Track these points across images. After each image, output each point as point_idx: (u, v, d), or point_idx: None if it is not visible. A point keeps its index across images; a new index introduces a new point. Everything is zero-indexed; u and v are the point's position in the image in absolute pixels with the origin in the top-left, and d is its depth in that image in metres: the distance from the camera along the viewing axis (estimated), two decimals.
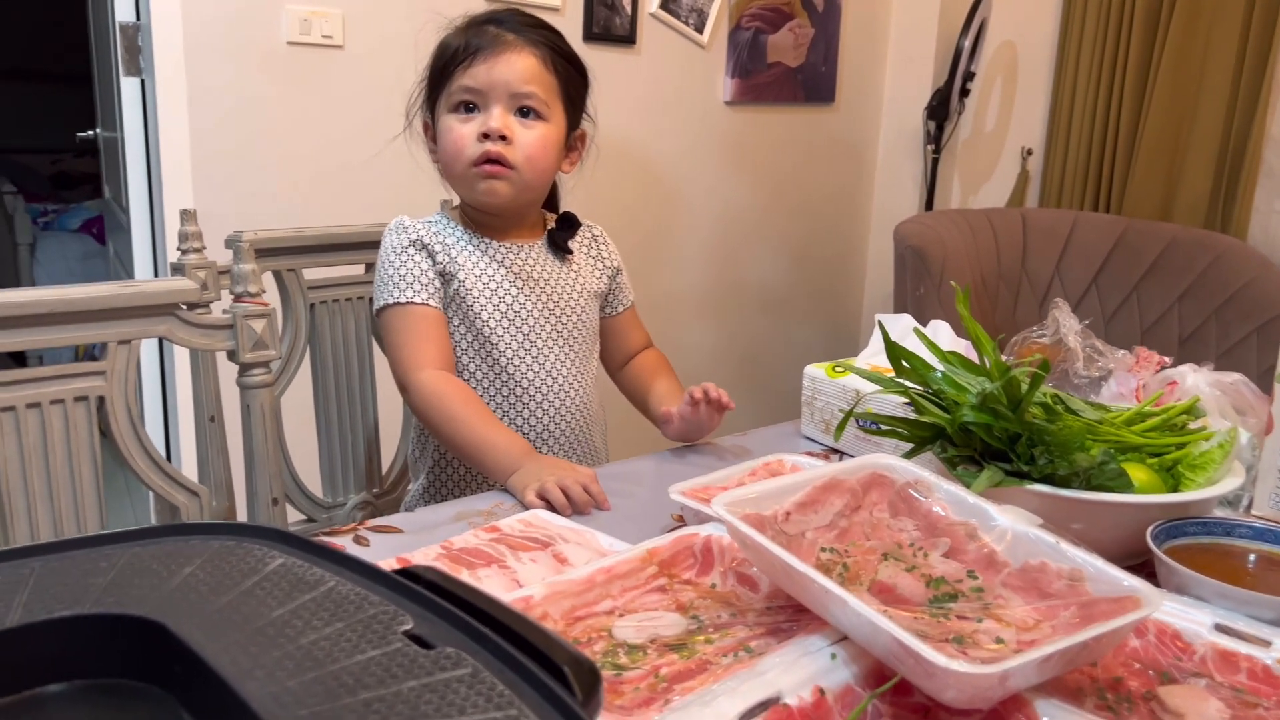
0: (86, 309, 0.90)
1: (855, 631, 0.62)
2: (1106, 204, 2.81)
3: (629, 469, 1.09)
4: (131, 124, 2.05)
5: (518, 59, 1.14)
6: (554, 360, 1.21)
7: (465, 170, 1.16)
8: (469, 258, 1.19)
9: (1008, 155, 3.08)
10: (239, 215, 2.00)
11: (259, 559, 0.57)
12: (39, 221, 3.92)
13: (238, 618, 0.50)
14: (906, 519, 0.75)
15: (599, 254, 1.29)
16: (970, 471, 0.81)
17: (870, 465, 0.78)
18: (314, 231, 1.32)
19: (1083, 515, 0.80)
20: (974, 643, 0.62)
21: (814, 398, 1.17)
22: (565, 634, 0.70)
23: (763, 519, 0.72)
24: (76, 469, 0.93)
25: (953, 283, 1.02)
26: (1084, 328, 1.04)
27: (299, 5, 2.05)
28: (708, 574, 0.78)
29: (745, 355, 3.07)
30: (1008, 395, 0.80)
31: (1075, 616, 0.63)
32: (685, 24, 2.67)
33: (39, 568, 0.55)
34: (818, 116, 3.06)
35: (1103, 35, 2.76)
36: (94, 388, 0.93)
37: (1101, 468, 0.78)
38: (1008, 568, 0.69)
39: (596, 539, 0.85)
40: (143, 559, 0.56)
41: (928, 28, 3.07)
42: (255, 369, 1.01)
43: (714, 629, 0.70)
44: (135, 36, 2.02)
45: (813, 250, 3.18)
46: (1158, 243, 2.55)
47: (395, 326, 1.15)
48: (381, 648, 0.47)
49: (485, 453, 1.06)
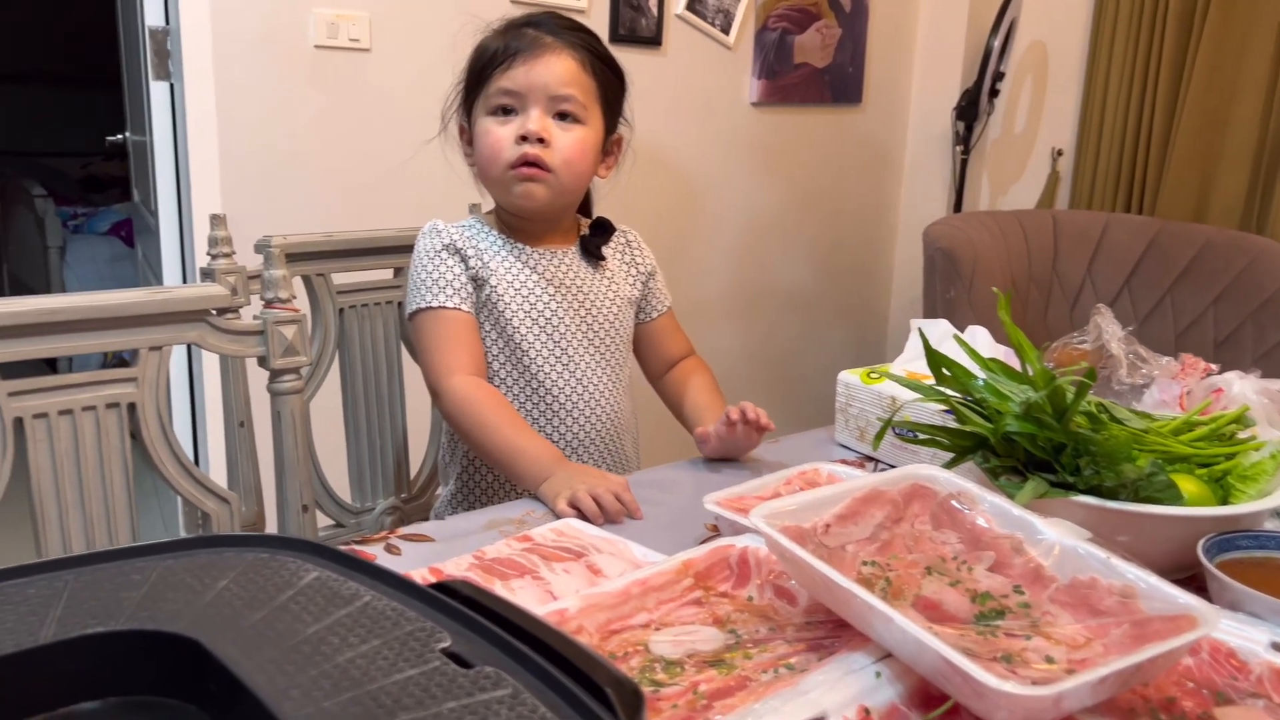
0: (118, 315, 0.90)
1: (900, 649, 0.60)
2: (1139, 205, 2.77)
3: (661, 477, 1.08)
4: (160, 128, 2.06)
5: (556, 61, 1.13)
6: (586, 367, 1.20)
7: (502, 173, 1.15)
8: (502, 263, 1.18)
9: (1038, 156, 3.05)
10: (267, 218, 2.00)
11: (293, 572, 0.56)
12: (69, 224, 3.95)
13: (273, 634, 0.49)
14: (949, 531, 0.74)
15: (632, 259, 1.28)
16: (1013, 482, 0.80)
17: (911, 476, 0.76)
18: (343, 236, 1.31)
19: (1130, 527, 0.78)
20: (1023, 661, 0.60)
21: (848, 404, 1.15)
22: (600, 648, 0.69)
23: (802, 531, 0.71)
24: (108, 475, 0.93)
25: (994, 289, 1.01)
26: (1127, 334, 1.02)
27: (326, 9, 2.05)
28: (744, 586, 0.77)
29: (772, 358, 3.05)
30: (1053, 404, 0.78)
31: (1127, 635, 0.62)
32: (711, 25, 2.66)
33: (72, 580, 0.54)
34: (845, 118, 3.04)
35: (1135, 33, 2.72)
36: (125, 394, 0.93)
37: (1150, 479, 0.76)
38: (1056, 583, 0.67)
39: (630, 549, 0.84)
40: (176, 572, 0.55)
41: (956, 28, 3.04)
42: (286, 375, 1.00)
43: (752, 644, 0.69)
44: (164, 41, 2.03)
45: (840, 253, 3.16)
46: (1192, 245, 2.51)
47: (427, 331, 1.15)
48: (419, 666, 0.46)
49: (516, 460, 1.05)
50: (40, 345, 0.88)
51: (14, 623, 0.49)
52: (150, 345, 0.93)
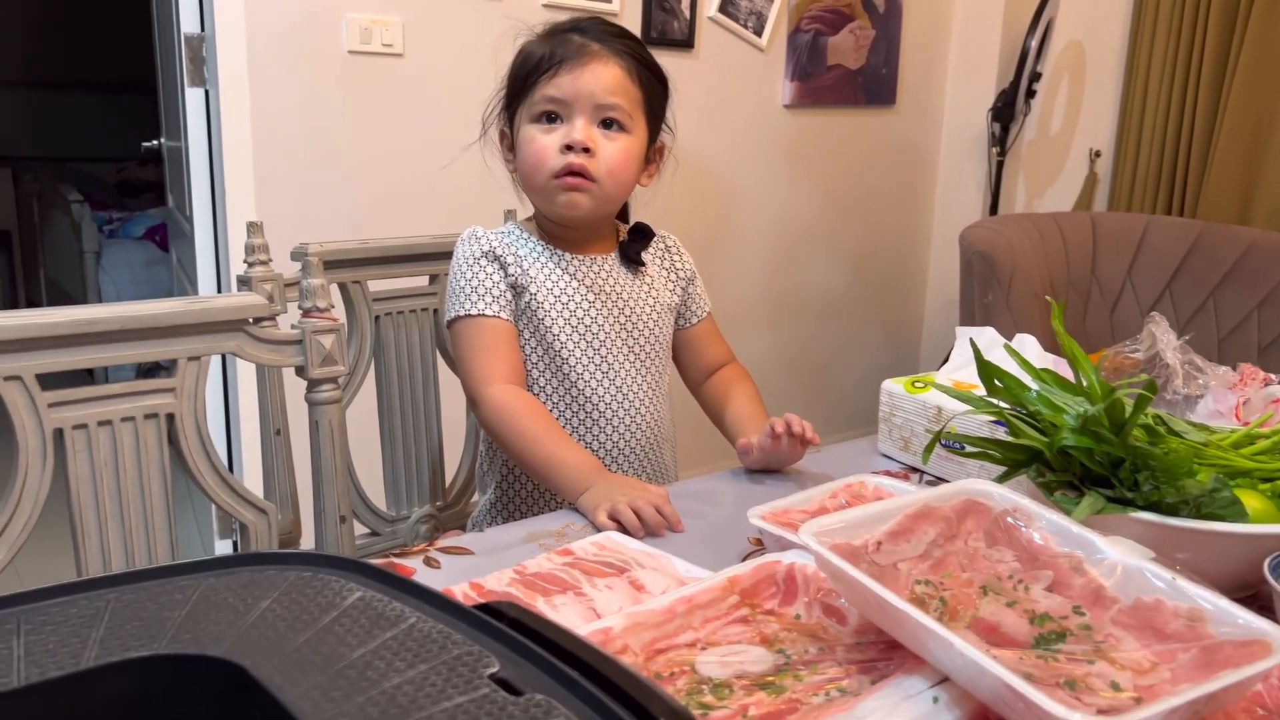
0: (156, 325, 0.90)
1: (959, 674, 0.58)
2: (1180, 207, 2.73)
3: (701, 488, 1.06)
4: (195, 133, 2.07)
5: (603, 70, 1.12)
6: (625, 376, 1.18)
7: (546, 182, 1.13)
8: (541, 270, 1.16)
9: (1075, 157, 3.00)
10: (300, 223, 2.01)
11: (336, 592, 0.55)
12: (104, 229, 3.99)
13: (318, 658, 0.48)
14: (1005, 549, 0.72)
15: (671, 264, 1.26)
16: (1069, 497, 0.77)
17: (964, 492, 0.74)
18: (378, 243, 1.30)
19: (1191, 545, 0.75)
20: (1087, 687, 0.58)
21: (892, 414, 1.13)
22: (646, 668, 0.67)
23: (854, 549, 0.69)
24: (147, 485, 0.92)
25: (1047, 298, 0.98)
26: (1183, 343, 0.99)
27: (359, 14, 2.06)
28: (791, 604, 0.75)
29: (806, 363, 3.03)
30: (1110, 417, 0.76)
31: (1196, 661, 0.59)
32: (744, 27, 2.64)
33: (114, 600, 0.53)
34: (879, 119, 3.01)
35: (1176, 31, 2.67)
36: (163, 404, 0.93)
37: (1213, 495, 0.74)
38: (1118, 604, 0.65)
39: (673, 564, 0.83)
40: (218, 591, 0.55)
41: (992, 28, 3.00)
42: (324, 384, 1.00)
43: (802, 665, 0.67)
44: (200, 47, 2.04)
45: (874, 256, 3.13)
46: (1235, 248, 2.46)
47: (466, 339, 1.13)
48: (468, 693, 0.45)
49: (555, 470, 1.03)
50: (79, 356, 0.87)
51: (55, 645, 0.48)
52: (189, 355, 0.92)
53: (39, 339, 0.85)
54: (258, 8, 1.95)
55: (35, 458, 0.87)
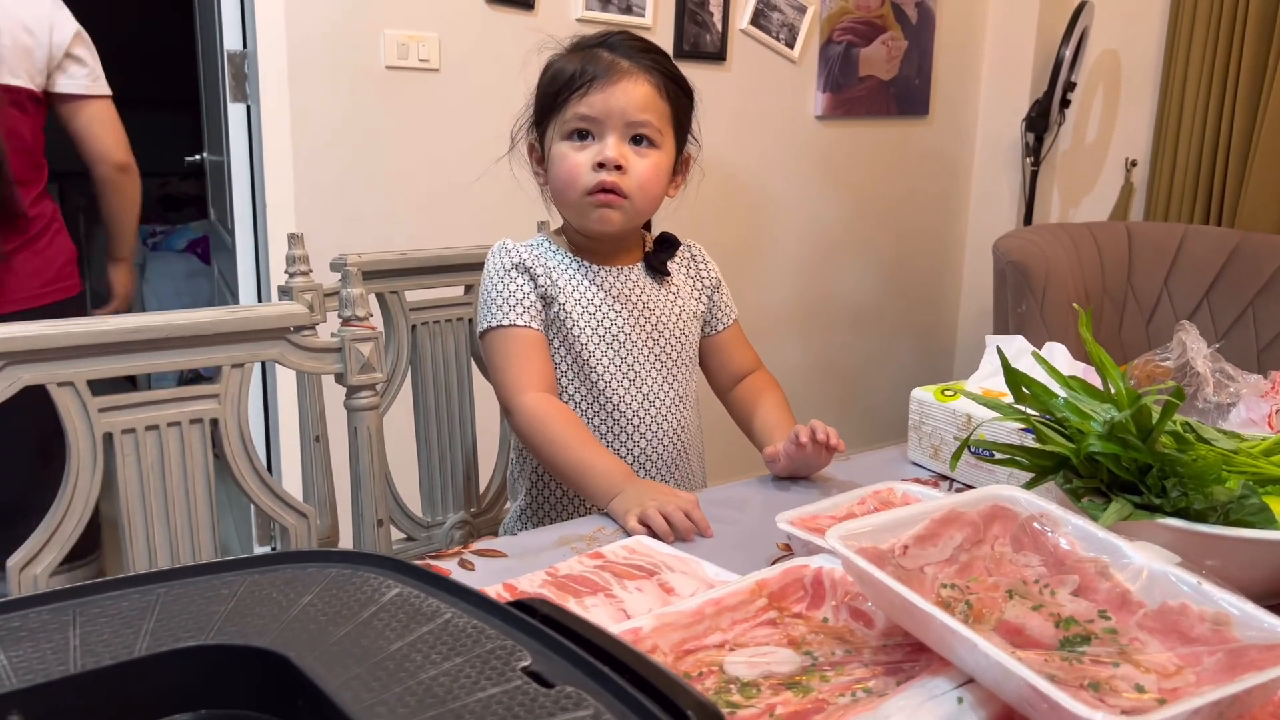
0: (201, 334, 0.93)
1: (983, 674, 0.59)
2: (1218, 216, 2.70)
3: (730, 494, 1.08)
4: (237, 148, 2.12)
5: (634, 87, 1.14)
6: (653, 384, 1.20)
7: (579, 198, 1.15)
8: (570, 280, 1.19)
9: (1110, 167, 2.98)
10: (340, 235, 2.05)
11: (375, 588, 0.57)
12: (148, 242, 4.08)
13: (358, 650, 0.50)
14: (1031, 554, 0.72)
15: (698, 273, 1.28)
16: (1097, 503, 0.78)
17: (991, 497, 0.75)
18: (416, 254, 1.33)
19: (1219, 551, 0.75)
20: (1111, 689, 0.59)
21: (921, 422, 1.14)
22: (675, 668, 0.68)
23: (880, 553, 0.70)
24: (191, 488, 0.95)
25: (1075, 305, 0.98)
26: (1213, 351, 0.99)
27: (396, 30, 2.10)
28: (819, 607, 0.76)
29: (838, 373, 3.03)
30: (1138, 424, 0.76)
31: (1221, 664, 0.60)
32: (776, 39, 2.65)
33: (163, 594, 0.55)
34: (911, 130, 3.01)
35: (1213, 39, 2.65)
36: (208, 410, 0.95)
37: (1242, 502, 0.74)
38: (1143, 609, 0.65)
39: (703, 568, 0.84)
40: (262, 587, 0.57)
41: (1025, 37, 3.00)
42: (362, 391, 1.02)
43: (829, 666, 0.68)
44: (242, 64, 2.08)
45: (907, 266, 3.12)
46: (1275, 257, 2.43)
47: (498, 349, 1.16)
48: (501, 685, 0.47)
49: (586, 476, 1.05)
50: (128, 363, 0.91)
51: (109, 635, 0.51)
52: (232, 362, 0.95)
53: (90, 346, 0.88)
54: (298, 25, 2.00)
55: (86, 460, 0.90)
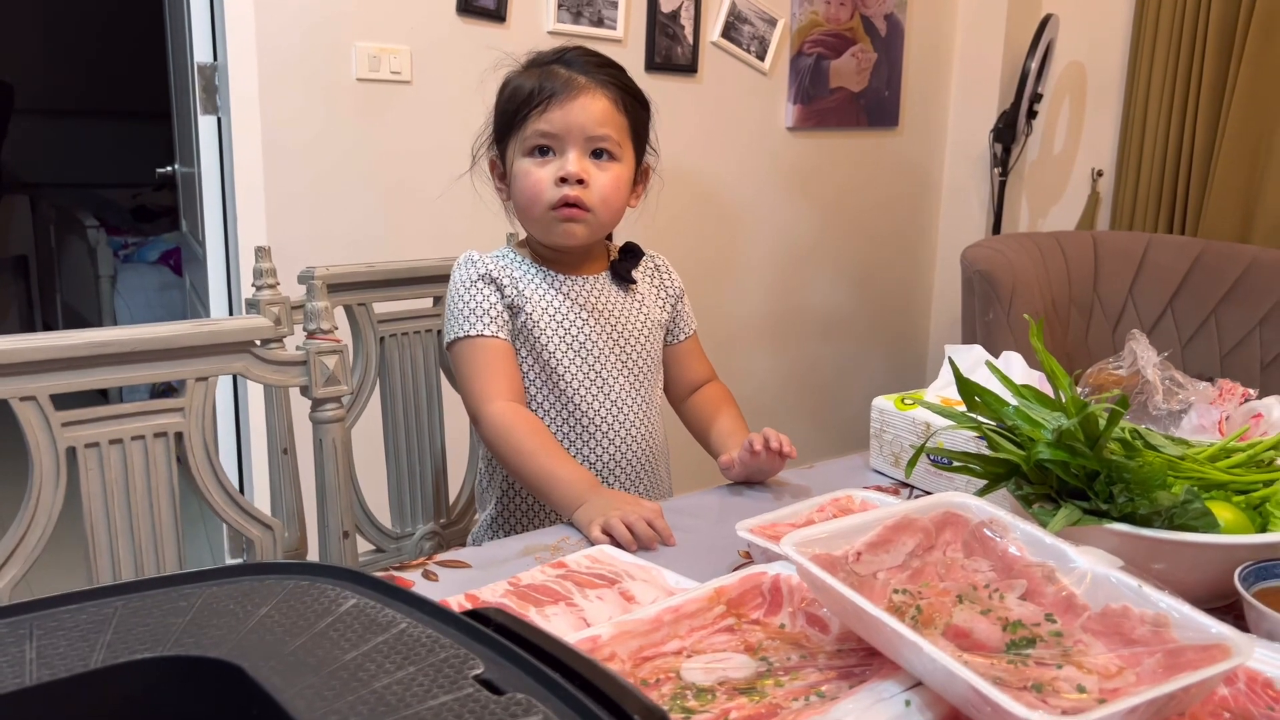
0: (166, 347, 0.93)
1: (930, 678, 0.60)
2: (1181, 225, 2.74)
3: (694, 503, 1.09)
4: (208, 160, 2.12)
5: (592, 102, 1.15)
6: (620, 392, 1.21)
7: (543, 213, 1.17)
8: (536, 290, 1.20)
9: (1077, 177, 3.03)
10: (311, 248, 2.05)
11: (332, 599, 0.57)
12: (120, 254, 4.05)
13: (313, 660, 0.51)
14: (981, 559, 0.74)
15: (661, 282, 1.30)
16: (1046, 510, 0.79)
17: (943, 504, 0.76)
18: (384, 266, 1.34)
19: (1165, 556, 0.77)
20: (1054, 690, 0.60)
21: (883, 430, 1.16)
22: (632, 675, 0.69)
23: (833, 559, 0.71)
24: (156, 503, 0.95)
25: (1026, 315, 1.00)
26: (1163, 359, 1.01)
27: (367, 42, 2.10)
28: (776, 614, 0.77)
29: (809, 383, 3.05)
30: (1085, 431, 0.78)
31: (1160, 665, 0.61)
32: (747, 52, 2.68)
33: (121, 607, 0.56)
34: (882, 141, 3.04)
35: (1175, 52, 2.70)
36: (173, 423, 0.96)
37: (1185, 506, 0.76)
38: (1088, 612, 0.67)
39: (663, 576, 0.85)
40: (220, 599, 0.57)
41: (993, 50, 3.04)
42: (328, 404, 1.03)
43: (784, 671, 0.69)
44: (212, 76, 2.08)
45: (878, 276, 3.15)
46: (1237, 265, 2.47)
47: (466, 359, 1.17)
48: (453, 693, 0.47)
49: (551, 486, 1.06)
50: (91, 377, 0.91)
51: (66, 648, 0.51)
52: (197, 376, 0.95)
53: (52, 360, 0.88)
54: (269, 37, 2.00)
55: (49, 475, 0.90)
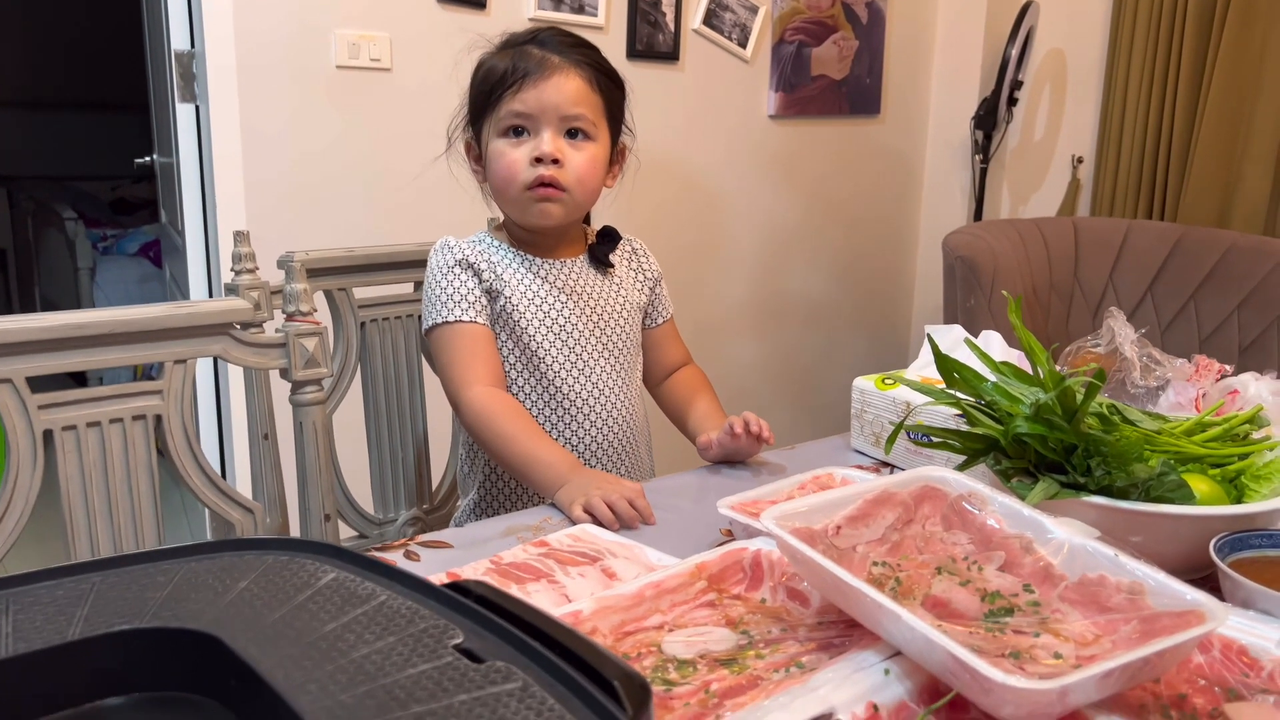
0: (143, 329, 0.92)
1: (909, 647, 0.61)
2: (1161, 211, 2.76)
3: (676, 483, 1.09)
4: (186, 149, 2.10)
5: (566, 82, 1.15)
6: (600, 373, 1.21)
7: (519, 194, 1.17)
8: (514, 274, 1.20)
9: (1058, 164, 3.04)
10: (292, 236, 2.03)
11: (312, 573, 0.57)
12: (99, 246, 4.02)
13: (291, 632, 0.51)
14: (960, 532, 0.74)
15: (639, 266, 1.30)
16: (1025, 484, 0.80)
17: (922, 478, 0.77)
18: (364, 251, 1.33)
19: (1142, 528, 0.78)
20: (1031, 658, 0.61)
21: (863, 410, 1.16)
22: (615, 649, 0.70)
23: (813, 533, 0.71)
24: (135, 486, 0.95)
25: (1004, 292, 1.01)
26: (1140, 336, 1.02)
27: (347, 30, 2.09)
28: (757, 589, 0.77)
29: (793, 369, 3.06)
30: (1062, 406, 0.78)
31: (1136, 631, 0.62)
32: (728, 39, 2.68)
33: (99, 583, 0.56)
34: (863, 128, 3.05)
35: (1154, 39, 2.71)
36: (151, 406, 0.95)
37: (1161, 479, 0.76)
38: (1065, 581, 0.68)
39: (645, 554, 0.85)
40: (199, 574, 0.57)
41: (974, 37, 3.04)
42: (307, 386, 1.02)
43: (764, 644, 0.70)
44: (190, 64, 2.07)
45: (860, 263, 3.16)
46: (1215, 250, 2.49)
47: (445, 345, 1.16)
48: (433, 661, 0.47)
49: (533, 468, 1.06)
50: (68, 359, 0.90)
51: (43, 622, 0.51)
52: (175, 359, 0.95)
53: (29, 343, 0.88)
54: (246, 24, 1.99)
55: (26, 459, 0.89)
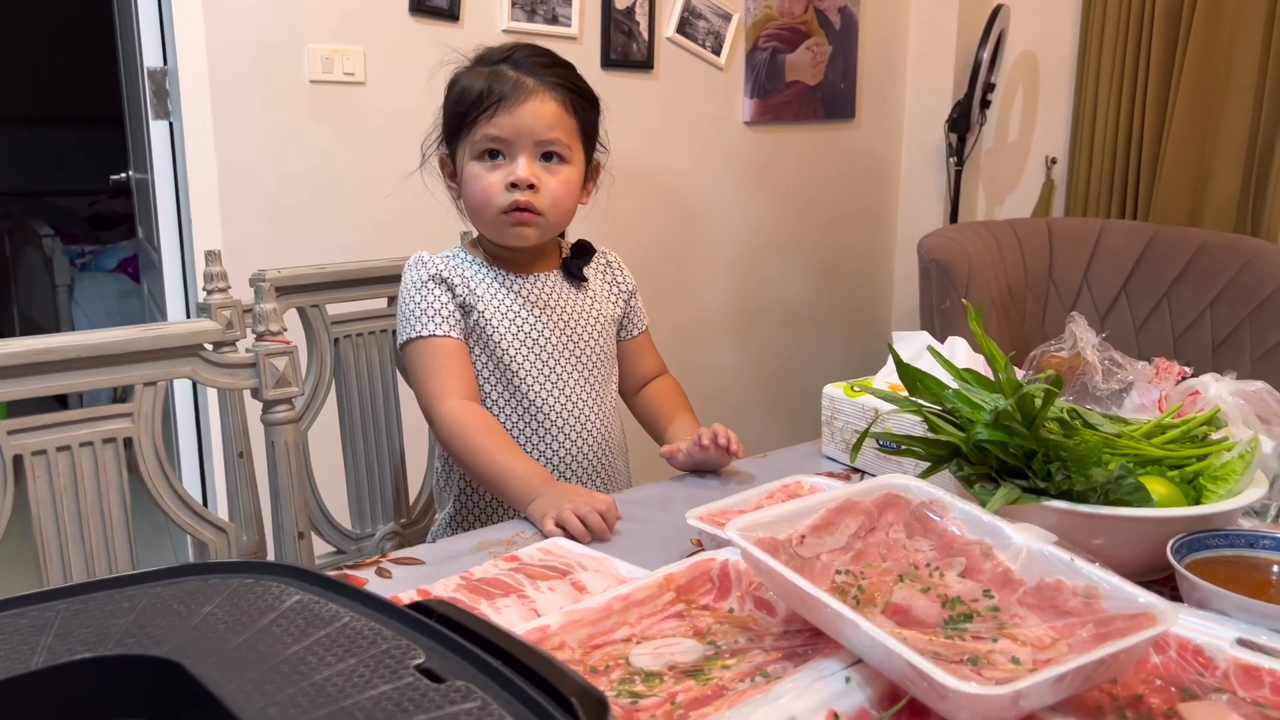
0: (113, 353, 0.93)
1: (869, 654, 0.62)
2: (1133, 211, 2.79)
3: (649, 494, 1.10)
4: (161, 165, 2.10)
5: (541, 106, 1.15)
6: (574, 387, 1.22)
7: (495, 217, 1.18)
8: (488, 289, 1.20)
9: (1032, 165, 3.06)
10: (268, 251, 2.03)
11: (276, 596, 0.58)
12: (76, 263, 4.01)
13: (254, 656, 0.51)
14: (922, 539, 0.75)
15: (614, 279, 1.31)
16: (987, 489, 0.81)
17: (885, 486, 0.78)
18: (336, 268, 1.34)
19: (1102, 530, 0.79)
20: (989, 663, 0.62)
21: (833, 417, 1.17)
22: (582, 662, 0.70)
23: (777, 543, 0.72)
24: (106, 509, 0.95)
25: (964, 300, 1.02)
26: (1102, 340, 1.04)
27: (321, 44, 2.09)
28: (725, 599, 0.78)
29: (772, 375, 3.07)
30: (1021, 412, 0.80)
31: (1091, 634, 0.63)
32: (702, 47, 2.69)
33: (63, 610, 0.56)
34: (839, 133, 3.06)
35: (1123, 40, 2.74)
36: (122, 429, 0.95)
37: (1119, 482, 0.78)
38: (1023, 586, 0.69)
39: (615, 566, 0.86)
40: (164, 599, 0.57)
41: (946, 41, 3.07)
42: (279, 405, 1.03)
43: (730, 654, 0.70)
44: (163, 81, 2.07)
45: (838, 267, 3.18)
46: (1187, 248, 2.52)
47: (419, 360, 1.17)
48: (393, 682, 0.48)
49: (505, 481, 1.07)
50: (38, 384, 0.90)
51: (6, 651, 0.51)
52: (145, 381, 0.95)
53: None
54: (219, 40, 1.99)
55: None
